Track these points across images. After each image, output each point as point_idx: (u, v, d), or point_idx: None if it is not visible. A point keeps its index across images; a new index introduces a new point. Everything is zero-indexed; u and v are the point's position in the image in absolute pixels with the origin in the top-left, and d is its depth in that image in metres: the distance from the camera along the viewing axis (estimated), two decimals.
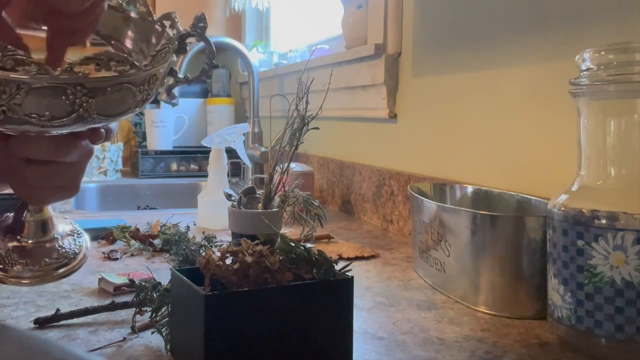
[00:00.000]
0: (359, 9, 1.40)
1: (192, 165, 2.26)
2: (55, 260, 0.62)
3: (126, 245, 1.03)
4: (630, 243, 0.56)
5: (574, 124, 0.64)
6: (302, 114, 0.90)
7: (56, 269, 0.62)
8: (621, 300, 0.57)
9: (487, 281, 0.73)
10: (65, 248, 0.64)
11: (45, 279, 0.62)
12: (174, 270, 0.57)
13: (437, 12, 1.16)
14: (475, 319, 0.70)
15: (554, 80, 0.86)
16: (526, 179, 0.91)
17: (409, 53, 1.25)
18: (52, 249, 0.63)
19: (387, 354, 0.60)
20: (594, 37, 0.79)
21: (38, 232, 0.62)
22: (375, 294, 0.80)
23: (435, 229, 0.81)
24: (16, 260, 0.61)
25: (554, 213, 0.63)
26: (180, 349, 0.56)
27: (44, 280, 0.62)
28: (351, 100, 1.46)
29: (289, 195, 0.98)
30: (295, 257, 0.55)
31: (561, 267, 0.61)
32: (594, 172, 0.62)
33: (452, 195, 0.98)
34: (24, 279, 0.61)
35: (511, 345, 0.62)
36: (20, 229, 0.61)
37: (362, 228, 1.27)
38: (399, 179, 1.23)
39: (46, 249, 0.62)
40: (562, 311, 0.62)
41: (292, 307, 0.53)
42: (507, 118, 0.96)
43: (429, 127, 1.18)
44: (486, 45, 1.01)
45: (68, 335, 0.63)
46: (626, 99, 0.60)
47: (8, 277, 0.61)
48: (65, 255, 0.63)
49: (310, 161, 1.69)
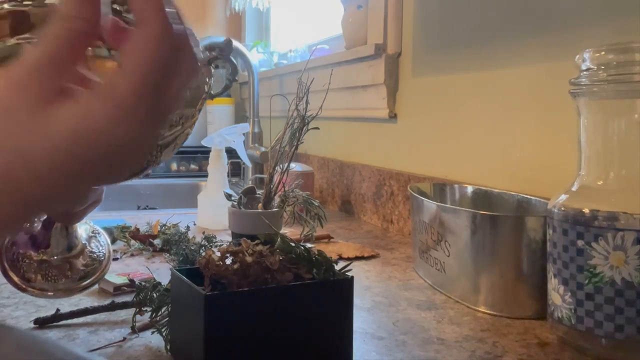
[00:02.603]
0: (359, 9, 1.40)
1: (192, 165, 2.26)
2: (83, 269, 0.63)
3: (126, 245, 1.03)
4: (630, 243, 0.56)
5: (574, 124, 0.64)
6: (302, 114, 0.91)
7: (81, 280, 0.63)
8: (621, 300, 0.57)
9: (487, 281, 0.73)
10: (95, 251, 0.64)
11: (70, 293, 0.62)
12: (174, 270, 0.57)
13: (437, 12, 1.16)
14: (475, 319, 0.70)
15: (554, 80, 0.86)
16: (526, 179, 0.91)
17: (409, 53, 1.25)
18: (79, 260, 0.63)
19: (387, 354, 0.60)
20: (594, 37, 0.79)
21: (65, 248, 0.62)
22: (375, 294, 0.80)
23: (435, 229, 0.81)
24: (44, 274, 0.61)
25: (554, 213, 0.63)
26: (180, 349, 0.56)
27: (69, 294, 0.62)
28: (351, 100, 1.46)
29: (289, 195, 0.98)
30: (295, 257, 0.55)
31: (561, 267, 0.61)
32: (594, 172, 0.62)
33: (452, 195, 0.98)
34: (49, 291, 0.62)
35: (511, 345, 0.62)
36: (47, 243, 0.61)
37: (362, 228, 1.27)
38: (399, 179, 1.23)
39: (72, 263, 0.63)
40: (562, 311, 0.62)
41: (292, 307, 0.53)
42: (507, 118, 0.96)
43: (429, 127, 1.18)
44: (486, 45, 1.01)
45: (68, 335, 0.63)
46: (626, 99, 0.60)
47: (34, 289, 0.61)
48: (96, 258, 0.64)
49: (310, 161, 1.69)
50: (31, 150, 0.26)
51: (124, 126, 0.27)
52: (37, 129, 0.27)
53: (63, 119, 0.27)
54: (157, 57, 0.28)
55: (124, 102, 0.27)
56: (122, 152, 0.28)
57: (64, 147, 0.26)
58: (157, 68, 0.28)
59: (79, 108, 0.27)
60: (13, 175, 0.26)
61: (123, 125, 0.27)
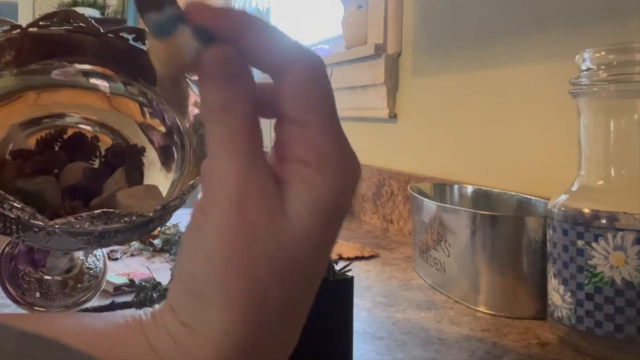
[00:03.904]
0: (359, 9, 1.40)
1: None
2: (80, 287, 0.63)
3: (126, 245, 1.03)
4: (630, 243, 0.56)
5: (574, 124, 0.64)
6: None
7: (79, 297, 0.63)
8: (621, 300, 0.57)
9: (487, 281, 0.73)
10: (92, 267, 0.65)
11: (67, 309, 0.63)
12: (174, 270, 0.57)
13: (437, 12, 1.16)
14: (475, 319, 0.70)
15: (554, 80, 0.86)
16: (526, 179, 0.91)
17: (409, 53, 1.25)
18: (78, 279, 0.64)
19: (387, 354, 0.60)
20: (594, 37, 0.79)
21: (63, 270, 0.63)
22: (375, 294, 0.80)
23: (435, 229, 0.81)
24: (43, 292, 0.62)
25: (554, 213, 0.63)
26: None
27: (65, 310, 0.63)
28: (351, 100, 1.46)
29: None
30: None
31: (561, 267, 0.61)
32: (594, 172, 0.62)
33: (452, 195, 0.98)
34: (45, 307, 0.62)
35: (511, 345, 0.62)
36: (45, 262, 0.62)
37: (362, 228, 1.27)
38: (399, 179, 1.23)
39: (71, 282, 0.63)
40: (562, 311, 0.61)
41: None
42: (507, 118, 0.96)
43: (429, 127, 1.18)
44: (486, 45, 1.01)
45: None
46: (626, 99, 0.60)
47: (32, 305, 0.62)
48: (93, 274, 0.64)
49: None
50: None
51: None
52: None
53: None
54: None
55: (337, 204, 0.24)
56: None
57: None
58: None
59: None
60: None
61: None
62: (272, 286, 0.23)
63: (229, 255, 0.22)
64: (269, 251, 0.23)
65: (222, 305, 0.22)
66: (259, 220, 0.23)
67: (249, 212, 0.23)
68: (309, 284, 0.25)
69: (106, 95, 0.62)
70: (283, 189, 0.24)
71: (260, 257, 0.23)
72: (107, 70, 0.61)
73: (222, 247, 0.22)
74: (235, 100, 0.24)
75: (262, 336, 0.23)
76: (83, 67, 0.60)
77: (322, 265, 0.25)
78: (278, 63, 0.24)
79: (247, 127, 0.24)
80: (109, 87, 0.62)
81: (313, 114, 0.24)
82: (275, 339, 0.24)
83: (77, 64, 0.60)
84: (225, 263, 0.22)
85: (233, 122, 0.23)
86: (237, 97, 0.24)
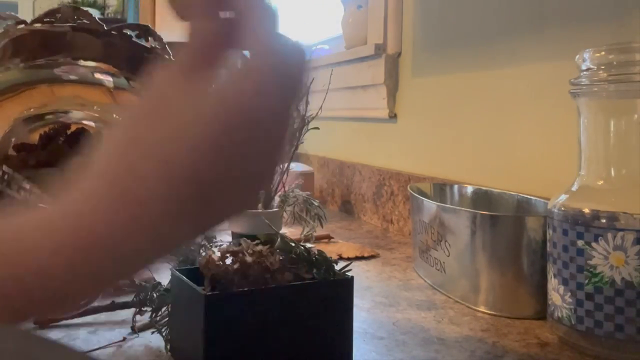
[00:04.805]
0: (359, 9, 1.40)
1: None
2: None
3: None
4: (630, 243, 0.56)
5: (574, 124, 0.64)
6: (302, 113, 0.91)
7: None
8: (621, 300, 0.57)
9: (487, 281, 0.73)
10: None
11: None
12: (174, 270, 0.57)
13: (437, 12, 1.16)
14: (475, 319, 0.70)
15: (554, 80, 0.86)
16: (526, 179, 0.91)
17: (409, 53, 1.25)
18: None
19: (387, 354, 0.60)
20: (594, 37, 0.79)
21: None
22: (375, 294, 0.80)
23: (435, 229, 0.81)
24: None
25: (554, 213, 0.63)
26: (180, 349, 0.56)
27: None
28: (351, 100, 1.46)
29: (289, 195, 0.98)
30: (295, 257, 0.55)
31: (561, 267, 0.61)
32: (594, 172, 0.62)
33: (452, 195, 0.98)
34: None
35: (511, 345, 0.62)
36: None
37: (362, 228, 1.27)
38: (399, 179, 1.23)
39: None
40: (562, 311, 0.62)
41: (292, 307, 0.53)
42: (507, 118, 0.96)
43: (429, 127, 1.18)
44: (486, 45, 1.01)
45: (68, 335, 0.63)
46: (626, 99, 0.60)
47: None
48: None
49: (310, 161, 1.69)
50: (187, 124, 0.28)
51: (263, 98, 0.29)
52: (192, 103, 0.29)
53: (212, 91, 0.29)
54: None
55: (264, 77, 0.29)
56: (261, 130, 0.30)
57: (213, 114, 0.28)
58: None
59: (226, 84, 0.29)
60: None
61: (263, 96, 0.29)
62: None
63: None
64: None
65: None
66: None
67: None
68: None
69: (110, 90, 0.62)
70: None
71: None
72: (112, 67, 0.61)
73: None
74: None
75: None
76: (87, 64, 0.61)
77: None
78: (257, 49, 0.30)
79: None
80: (113, 82, 0.62)
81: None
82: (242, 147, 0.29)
83: (82, 60, 0.60)
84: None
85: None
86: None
